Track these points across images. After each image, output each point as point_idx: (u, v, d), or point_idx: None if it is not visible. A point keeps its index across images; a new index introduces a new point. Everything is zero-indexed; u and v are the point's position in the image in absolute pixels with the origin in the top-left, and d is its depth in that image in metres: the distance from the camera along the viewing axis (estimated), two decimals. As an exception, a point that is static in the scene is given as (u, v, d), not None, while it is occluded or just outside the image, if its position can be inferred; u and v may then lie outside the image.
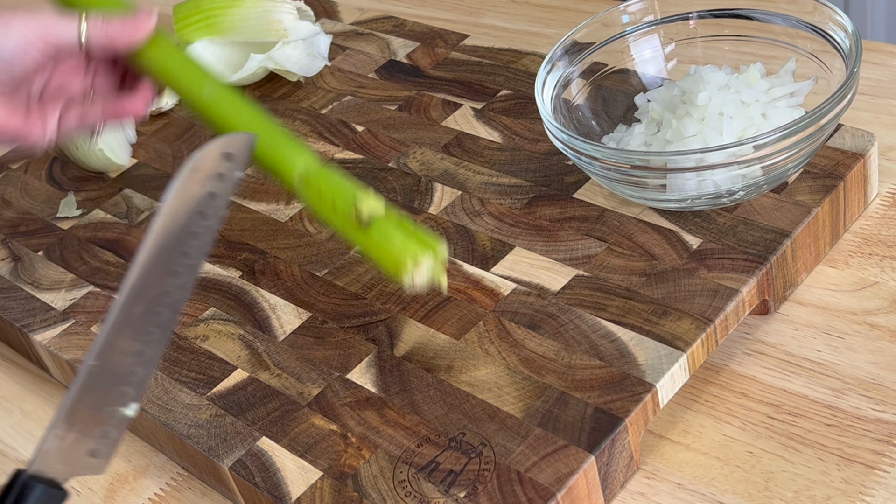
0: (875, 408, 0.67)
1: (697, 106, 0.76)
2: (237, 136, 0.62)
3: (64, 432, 0.56)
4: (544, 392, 0.67)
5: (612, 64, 0.84)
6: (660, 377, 0.66)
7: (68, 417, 0.56)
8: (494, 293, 0.75)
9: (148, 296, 0.58)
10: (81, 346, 0.80)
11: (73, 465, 0.57)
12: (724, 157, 0.70)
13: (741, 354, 0.72)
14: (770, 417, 0.68)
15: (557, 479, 0.62)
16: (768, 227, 0.73)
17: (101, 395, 0.57)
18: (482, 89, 0.94)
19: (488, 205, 0.82)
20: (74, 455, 0.57)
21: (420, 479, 0.64)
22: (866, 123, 0.85)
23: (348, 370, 0.72)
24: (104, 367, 0.57)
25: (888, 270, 0.75)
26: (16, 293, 0.86)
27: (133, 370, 0.58)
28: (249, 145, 0.63)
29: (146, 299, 0.58)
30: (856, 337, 0.71)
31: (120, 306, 0.58)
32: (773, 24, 0.81)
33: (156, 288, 0.58)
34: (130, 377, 0.58)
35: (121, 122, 0.73)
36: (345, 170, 0.90)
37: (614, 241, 0.76)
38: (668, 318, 0.69)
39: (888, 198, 0.80)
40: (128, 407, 0.58)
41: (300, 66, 1.01)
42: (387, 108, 0.95)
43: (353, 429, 0.68)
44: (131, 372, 0.58)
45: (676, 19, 0.84)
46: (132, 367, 0.58)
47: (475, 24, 1.10)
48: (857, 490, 0.63)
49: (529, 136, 0.87)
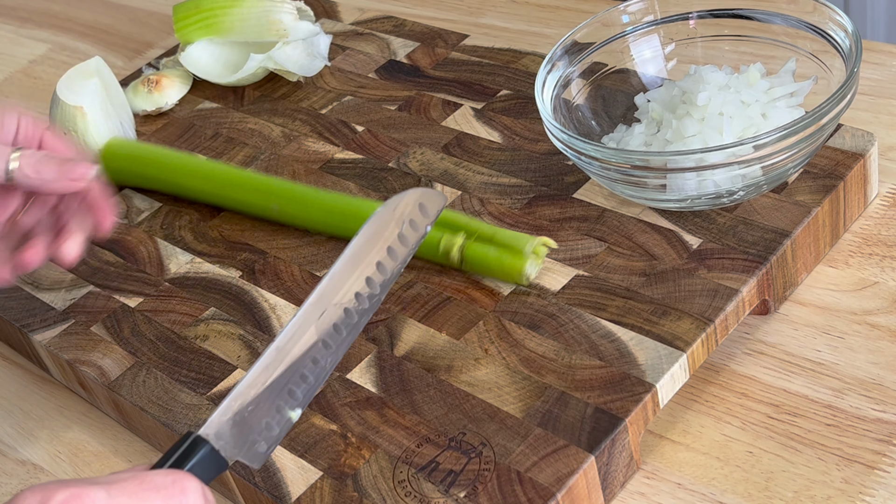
0: (875, 408, 0.67)
1: (697, 106, 0.76)
2: (433, 193, 0.65)
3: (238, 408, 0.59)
4: (544, 392, 0.67)
5: (612, 64, 0.84)
6: (660, 377, 0.66)
7: (243, 394, 0.59)
8: (494, 293, 0.75)
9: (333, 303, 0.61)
10: (81, 346, 0.80)
11: (237, 446, 0.59)
12: (724, 157, 0.70)
13: (741, 354, 0.72)
14: (770, 417, 0.68)
15: (557, 479, 0.62)
16: (768, 227, 0.73)
17: (274, 386, 0.60)
18: (482, 89, 0.94)
19: (488, 205, 0.82)
20: (240, 436, 0.59)
21: (420, 479, 0.64)
22: (866, 123, 0.85)
23: (348, 370, 0.72)
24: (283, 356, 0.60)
25: (888, 270, 0.75)
26: (16, 293, 0.86)
27: (306, 374, 0.60)
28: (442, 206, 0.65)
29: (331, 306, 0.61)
30: (856, 337, 0.71)
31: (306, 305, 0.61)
32: (773, 24, 0.81)
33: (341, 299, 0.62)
34: (302, 381, 0.60)
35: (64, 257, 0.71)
36: (345, 170, 0.90)
37: (614, 241, 0.76)
38: (668, 318, 0.69)
39: (888, 198, 0.80)
40: (293, 410, 0.60)
41: (300, 66, 1.01)
42: (387, 108, 0.95)
43: (353, 429, 0.68)
44: (304, 376, 0.60)
45: (676, 19, 0.84)
46: (306, 370, 0.60)
47: (475, 24, 1.10)
48: (857, 490, 0.63)
49: (529, 136, 0.87)
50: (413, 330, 0.74)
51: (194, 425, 0.72)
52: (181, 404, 0.73)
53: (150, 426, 0.75)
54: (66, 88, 0.95)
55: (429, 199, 0.64)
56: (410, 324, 0.74)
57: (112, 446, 0.79)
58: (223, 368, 0.75)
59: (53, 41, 1.31)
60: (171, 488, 0.55)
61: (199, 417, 0.72)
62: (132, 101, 1.03)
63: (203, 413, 0.72)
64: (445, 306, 0.75)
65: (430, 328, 0.73)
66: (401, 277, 0.78)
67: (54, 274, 0.87)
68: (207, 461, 0.58)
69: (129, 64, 1.21)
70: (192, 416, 0.72)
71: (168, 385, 0.75)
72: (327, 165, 0.91)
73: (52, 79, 1.23)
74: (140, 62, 1.21)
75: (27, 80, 1.25)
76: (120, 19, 1.31)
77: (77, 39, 1.30)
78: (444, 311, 0.74)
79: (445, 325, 0.73)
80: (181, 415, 0.73)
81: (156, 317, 0.81)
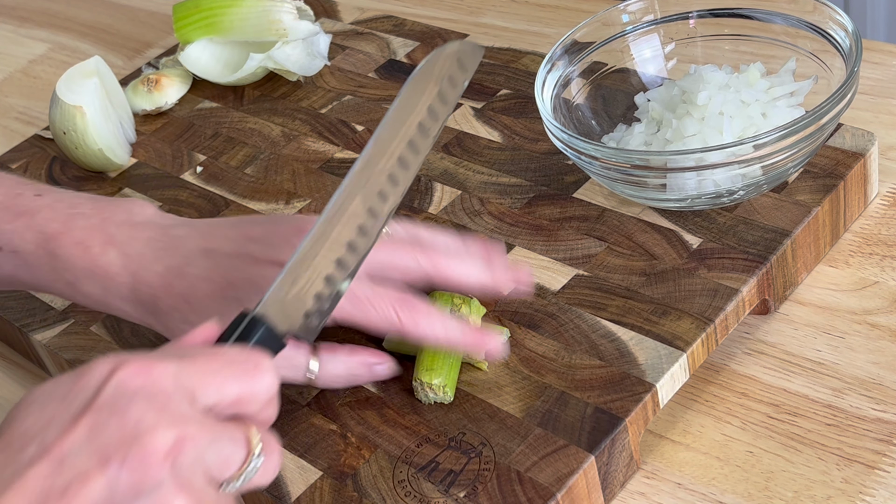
0: (875, 407, 0.67)
1: (697, 105, 0.76)
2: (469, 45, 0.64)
3: (290, 284, 0.58)
4: (544, 392, 0.67)
5: (612, 63, 0.84)
6: (660, 377, 0.66)
7: (295, 268, 0.58)
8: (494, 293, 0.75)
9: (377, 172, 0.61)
10: (81, 345, 0.80)
11: (291, 321, 0.58)
12: (724, 157, 0.70)
13: (741, 354, 0.72)
14: (770, 417, 0.68)
15: (557, 478, 0.62)
16: (768, 227, 0.73)
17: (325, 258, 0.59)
18: (482, 89, 0.94)
19: (488, 204, 0.82)
20: (293, 310, 0.58)
21: (420, 479, 0.64)
22: (866, 123, 0.85)
23: (348, 370, 0.72)
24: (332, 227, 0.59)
25: (888, 270, 0.75)
26: (15, 292, 0.86)
27: (355, 243, 0.60)
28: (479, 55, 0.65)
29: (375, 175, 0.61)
30: (856, 337, 0.71)
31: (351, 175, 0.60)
32: (774, 24, 0.81)
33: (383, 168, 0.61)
34: (351, 251, 0.60)
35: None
36: (345, 169, 0.90)
37: (614, 240, 0.76)
38: (668, 317, 0.69)
39: (888, 197, 0.80)
40: (344, 281, 0.59)
41: (300, 66, 1.01)
42: (386, 108, 0.95)
43: (353, 428, 0.68)
44: (353, 245, 0.60)
45: (676, 19, 0.84)
46: (355, 239, 0.60)
47: (475, 23, 1.10)
48: (857, 490, 0.63)
49: (529, 136, 0.87)
50: (413, 330, 0.74)
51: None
52: (181, 404, 0.73)
53: (150, 426, 0.75)
54: (66, 88, 0.95)
55: (466, 54, 0.64)
56: (410, 323, 0.74)
57: (112, 446, 0.78)
58: (223, 368, 0.75)
59: (53, 41, 1.31)
60: (244, 364, 0.54)
61: (199, 417, 0.72)
62: (132, 101, 1.03)
63: (203, 413, 0.72)
64: (445, 306, 0.75)
65: (430, 328, 0.73)
66: (400, 277, 0.78)
67: (54, 274, 0.87)
68: (266, 341, 0.57)
69: (128, 63, 1.21)
70: (191, 415, 0.72)
71: (168, 385, 0.75)
72: (327, 165, 0.91)
73: (51, 78, 1.23)
74: (140, 62, 1.21)
75: (27, 79, 1.25)
76: (120, 19, 1.31)
77: (77, 39, 1.30)
78: (444, 311, 0.74)
79: (445, 325, 0.73)
80: (181, 415, 0.73)
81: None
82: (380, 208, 0.61)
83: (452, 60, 0.63)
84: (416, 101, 0.62)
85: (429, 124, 0.62)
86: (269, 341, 0.58)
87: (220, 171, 0.94)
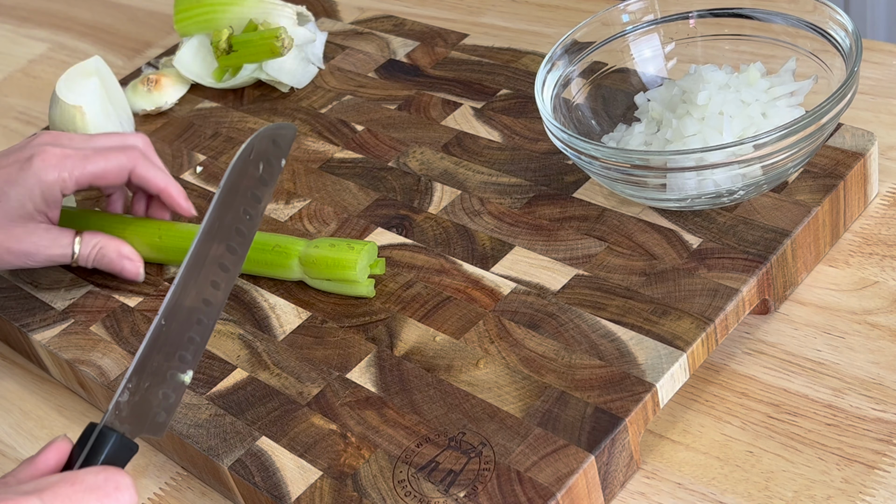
0: (875, 407, 0.67)
1: (697, 105, 0.76)
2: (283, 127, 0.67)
3: (134, 387, 0.59)
4: (544, 392, 0.67)
5: (612, 63, 0.84)
6: (660, 377, 0.66)
7: (137, 372, 0.59)
8: (494, 293, 0.75)
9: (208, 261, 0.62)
10: (80, 345, 0.80)
11: (139, 423, 0.60)
12: (724, 157, 0.70)
13: (741, 354, 0.72)
14: (770, 417, 0.68)
15: (557, 478, 0.62)
16: (768, 227, 0.73)
17: (164, 355, 0.61)
18: (482, 88, 0.94)
19: (488, 204, 0.82)
20: (140, 413, 0.59)
21: (420, 479, 0.64)
22: (866, 123, 0.85)
23: (348, 370, 0.72)
24: (169, 327, 0.61)
25: (888, 270, 0.74)
26: (15, 292, 0.86)
27: (192, 336, 0.61)
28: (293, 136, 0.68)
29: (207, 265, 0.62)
30: (856, 336, 0.71)
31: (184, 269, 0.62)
32: (774, 24, 0.81)
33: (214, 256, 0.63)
34: (189, 343, 0.61)
35: None
36: (345, 169, 0.90)
37: (614, 240, 0.76)
38: (668, 317, 0.69)
39: (888, 197, 0.80)
40: (185, 373, 0.61)
41: (292, 76, 1.01)
42: (386, 108, 0.95)
43: (353, 428, 0.68)
44: (190, 338, 0.61)
45: (676, 18, 0.84)
46: (191, 332, 0.61)
47: (475, 23, 1.10)
48: (857, 490, 0.63)
49: (529, 136, 0.87)
50: (413, 329, 0.74)
51: (193, 425, 0.71)
52: (181, 404, 0.73)
53: (150, 426, 0.75)
54: (66, 88, 0.95)
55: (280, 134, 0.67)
56: (410, 323, 0.74)
57: (111, 446, 0.79)
58: (223, 368, 0.75)
59: (53, 40, 1.31)
60: (105, 487, 0.55)
61: (199, 417, 0.72)
62: (132, 101, 1.03)
63: (202, 412, 0.72)
64: (445, 306, 0.75)
65: (430, 328, 0.73)
66: (400, 277, 0.78)
67: (54, 273, 0.87)
68: (118, 449, 0.58)
69: (128, 63, 1.21)
70: (191, 415, 0.72)
71: (167, 385, 0.75)
72: (327, 165, 0.91)
73: (51, 78, 1.23)
74: (139, 61, 1.21)
75: (26, 79, 1.25)
76: (119, 19, 1.31)
77: (76, 39, 1.30)
78: (444, 311, 0.74)
79: (445, 325, 0.73)
80: (180, 414, 0.73)
81: (155, 316, 0.81)
82: (214, 297, 0.62)
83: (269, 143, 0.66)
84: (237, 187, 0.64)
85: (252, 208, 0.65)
86: (121, 449, 0.58)
87: (221, 171, 0.94)
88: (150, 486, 0.75)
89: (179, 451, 0.74)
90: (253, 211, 0.64)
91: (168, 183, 0.81)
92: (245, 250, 0.64)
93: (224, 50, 1.00)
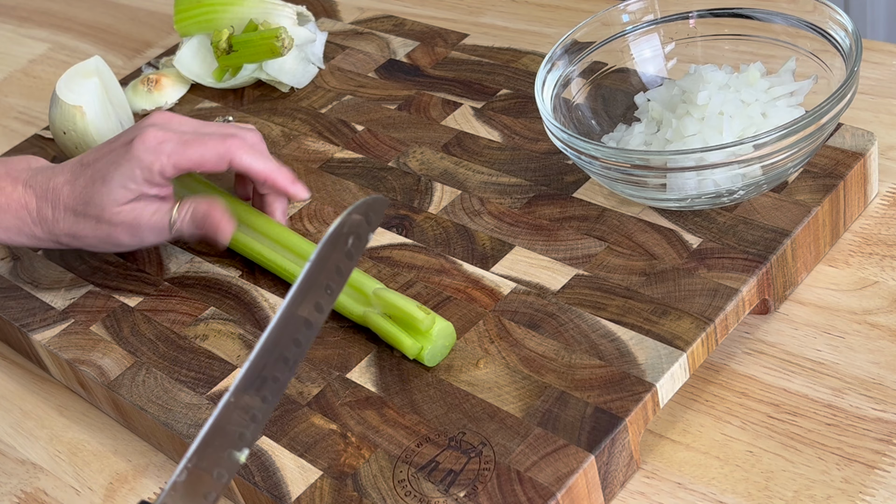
0: (875, 407, 0.67)
1: (697, 105, 0.76)
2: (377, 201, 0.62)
3: (193, 467, 0.56)
4: (544, 391, 0.67)
5: (612, 63, 0.84)
6: (660, 377, 0.66)
7: (199, 452, 0.57)
8: (494, 292, 0.75)
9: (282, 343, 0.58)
10: (80, 345, 0.80)
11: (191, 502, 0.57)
12: (724, 157, 0.70)
13: (741, 354, 0.72)
14: (770, 417, 0.68)
15: (557, 478, 0.62)
16: (768, 227, 0.73)
17: (227, 435, 0.57)
18: (482, 88, 0.94)
19: (488, 204, 0.82)
20: (193, 493, 0.57)
21: (420, 479, 0.64)
22: (866, 123, 0.85)
23: (348, 369, 0.72)
24: (237, 404, 0.57)
25: (888, 270, 0.75)
26: (15, 292, 0.86)
27: (255, 414, 0.58)
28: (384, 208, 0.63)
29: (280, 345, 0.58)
30: (856, 336, 0.71)
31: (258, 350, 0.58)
32: (773, 24, 0.81)
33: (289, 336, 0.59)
34: (252, 421, 0.58)
35: None
36: (345, 169, 0.90)
37: (614, 240, 0.76)
38: (667, 317, 0.69)
39: (888, 197, 0.80)
40: (242, 452, 0.58)
41: (292, 76, 1.01)
42: (386, 108, 0.95)
43: (353, 428, 0.68)
44: (253, 416, 0.58)
45: (676, 18, 0.84)
46: (255, 410, 0.58)
47: (475, 23, 1.10)
48: (857, 490, 0.63)
49: (529, 136, 0.87)
50: (413, 329, 0.74)
51: (194, 425, 0.72)
52: (181, 404, 0.73)
53: (150, 426, 0.75)
54: (66, 88, 0.95)
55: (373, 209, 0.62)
56: (410, 323, 0.74)
57: (112, 446, 0.79)
58: (223, 368, 0.75)
59: (53, 40, 1.31)
60: None
61: (199, 417, 0.72)
62: (132, 101, 1.03)
63: (202, 412, 0.72)
64: (445, 306, 0.75)
65: (430, 328, 0.73)
66: (400, 277, 0.78)
67: (54, 273, 0.87)
68: None
69: (128, 63, 1.21)
70: (191, 415, 0.72)
71: (168, 384, 0.75)
72: (327, 165, 0.91)
73: (51, 78, 1.23)
74: (140, 61, 1.21)
75: (27, 79, 1.25)
76: (119, 19, 1.31)
77: (76, 39, 1.30)
78: (444, 311, 0.74)
79: (445, 325, 0.73)
80: (181, 414, 0.73)
81: (155, 316, 0.81)
82: (282, 374, 0.59)
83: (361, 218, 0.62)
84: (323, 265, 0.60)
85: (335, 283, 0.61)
86: None
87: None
88: (150, 486, 0.75)
89: (180, 451, 0.74)
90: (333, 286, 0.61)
91: (271, 170, 0.80)
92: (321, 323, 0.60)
93: (224, 50, 1.00)
